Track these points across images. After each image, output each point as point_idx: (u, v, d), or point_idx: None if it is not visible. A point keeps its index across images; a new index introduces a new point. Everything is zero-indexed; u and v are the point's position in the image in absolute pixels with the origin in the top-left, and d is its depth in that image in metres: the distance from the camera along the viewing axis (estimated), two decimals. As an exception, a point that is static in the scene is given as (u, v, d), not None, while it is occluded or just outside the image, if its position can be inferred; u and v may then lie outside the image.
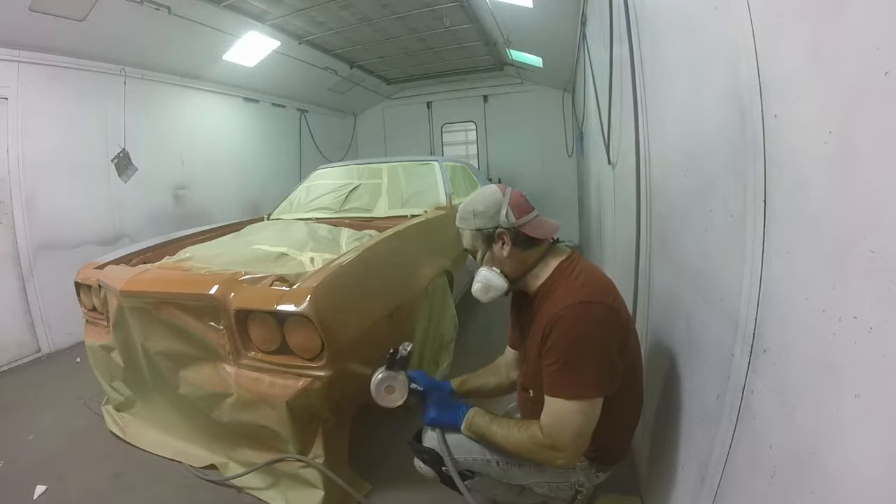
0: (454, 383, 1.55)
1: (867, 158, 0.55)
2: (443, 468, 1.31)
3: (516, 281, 1.30)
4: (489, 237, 1.27)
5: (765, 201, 0.79)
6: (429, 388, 1.43)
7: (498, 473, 1.31)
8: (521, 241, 1.25)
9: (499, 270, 1.27)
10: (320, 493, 1.67)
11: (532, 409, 1.24)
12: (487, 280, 1.27)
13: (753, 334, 0.82)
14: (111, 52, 3.84)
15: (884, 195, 0.52)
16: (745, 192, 0.85)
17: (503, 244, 1.26)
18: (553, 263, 1.27)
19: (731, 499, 0.91)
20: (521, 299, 1.39)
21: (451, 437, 1.32)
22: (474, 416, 1.26)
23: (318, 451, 1.68)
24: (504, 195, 1.28)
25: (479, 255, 1.31)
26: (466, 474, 1.32)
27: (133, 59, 4.05)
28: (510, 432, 1.19)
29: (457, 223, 1.34)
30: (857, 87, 0.56)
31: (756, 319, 0.82)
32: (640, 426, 1.64)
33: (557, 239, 1.34)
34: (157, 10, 3.57)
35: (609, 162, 2.78)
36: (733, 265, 0.90)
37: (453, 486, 1.33)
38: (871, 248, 0.53)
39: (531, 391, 1.29)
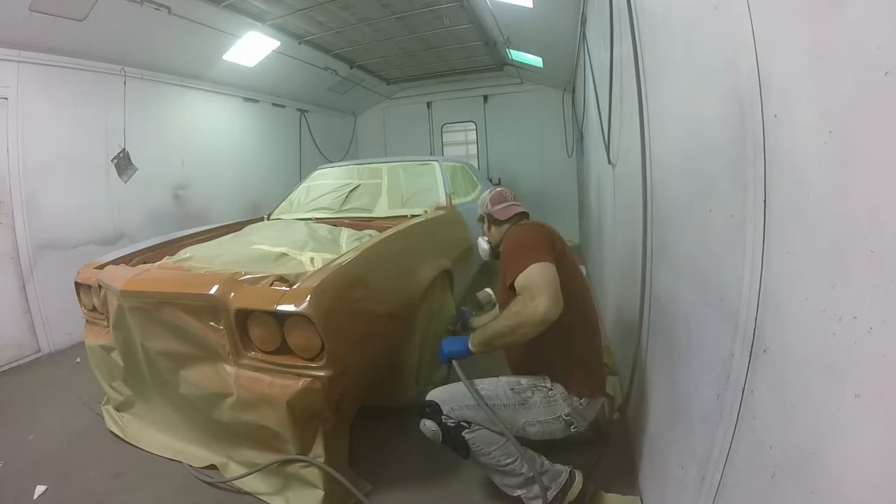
0: (474, 321, 2.09)
1: (867, 158, 0.55)
2: (442, 417, 1.51)
3: (497, 246, 1.85)
4: (481, 220, 1.97)
5: (765, 201, 0.79)
6: (468, 315, 2.10)
7: (489, 419, 1.49)
8: (493, 220, 1.89)
9: (486, 239, 1.94)
10: (320, 493, 1.67)
11: None
12: (480, 244, 1.97)
13: (753, 334, 0.82)
14: (111, 52, 3.84)
15: (884, 195, 0.52)
16: (745, 192, 0.85)
17: (486, 223, 1.94)
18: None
19: (731, 499, 0.91)
20: None
21: (448, 389, 1.59)
22: (474, 335, 1.52)
23: (318, 451, 1.68)
24: (488, 195, 1.93)
25: (482, 231, 1.99)
26: (464, 425, 1.50)
27: (133, 59, 4.05)
28: (501, 316, 1.44)
29: None
30: (857, 87, 0.56)
31: (756, 319, 0.82)
32: (641, 426, 1.64)
33: (525, 216, 1.88)
34: (157, 10, 3.57)
35: (609, 162, 2.78)
36: (733, 265, 0.90)
37: (456, 444, 1.51)
38: (871, 248, 0.53)
39: None
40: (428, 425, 1.53)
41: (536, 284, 1.36)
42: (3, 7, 2.93)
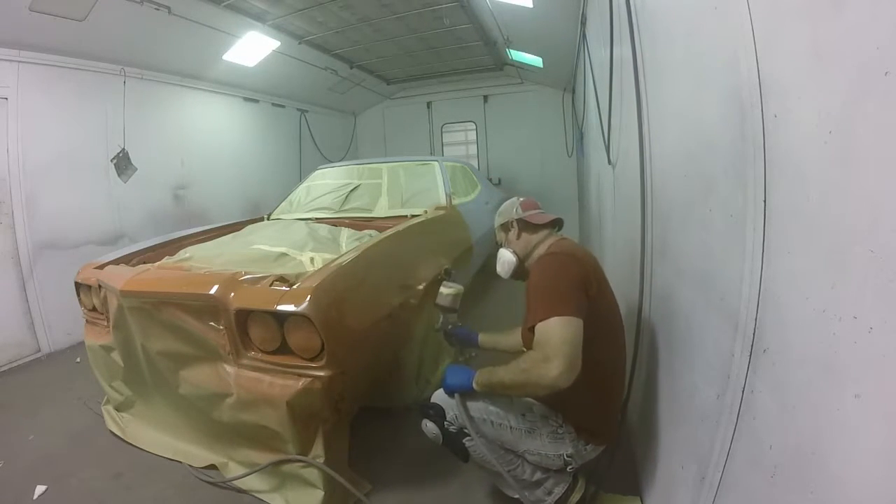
0: (481, 337, 1.94)
1: (867, 158, 0.55)
2: (445, 423, 1.47)
3: (525, 259, 1.65)
4: (506, 227, 1.70)
5: (765, 201, 0.79)
6: (462, 334, 1.93)
7: (492, 433, 1.45)
8: (525, 227, 1.65)
9: (511, 250, 1.67)
10: (320, 493, 1.67)
11: None
12: (502, 255, 1.69)
13: (753, 334, 0.82)
14: (111, 52, 3.84)
15: (884, 195, 0.52)
16: (745, 192, 0.85)
17: (513, 230, 1.67)
18: (548, 243, 1.60)
19: (731, 498, 0.91)
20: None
21: (448, 401, 1.49)
22: (480, 374, 1.42)
23: (318, 451, 1.68)
24: (517, 200, 1.71)
25: (502, 243, 1.73)
26: (465, 432, 1.45)
27: (133, 59, 4.05)
28: (510, 366, 1.31)
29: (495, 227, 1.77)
30: (857, 87, 0.56)
31: (756, 319, 0.82)
32: (641, 426, 1.63)
33: (559, 229, 1.69)
34: (157, 10, 3.57)
35: (609, 162, 2.78)
36: (733, 265, 0.90)
37: (456, 449, 1.48)
38: (871, 248, 0.53)
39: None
40: (430, 427, 1.51)
41: (553, 344, 1.21)
42: (3, 7, 2.93)
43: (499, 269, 1.69)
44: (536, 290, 1.35)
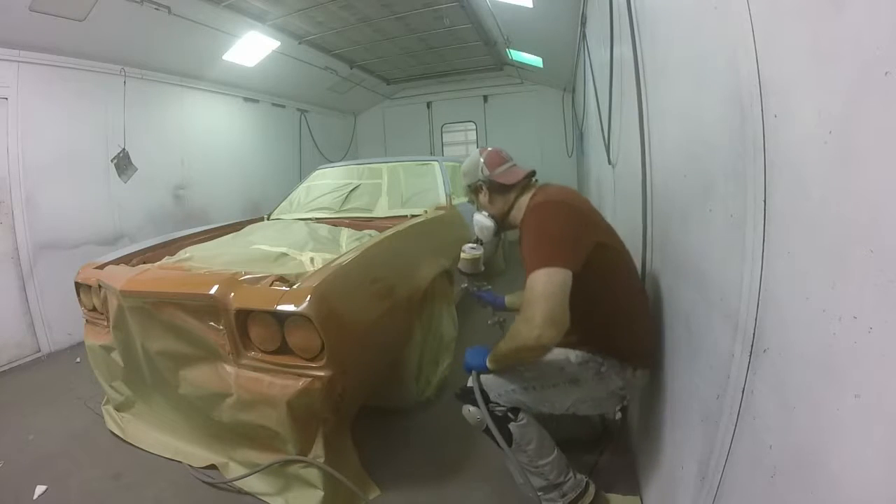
0: (507, 298, 1.94)
1: (867, 158, 0.55)
2: (489, 405, 1.41)
3: (503, 219, 1.58)
4: (474, 189, 1.61)
5: (765, 201, 0.79)
6: (488, 297, 1.88)
7: (537, 399, 1.40)
8: (495, 188, 1.55)
9: (486, 213, 1.60)
10: (320, 494, 1.67)
11: None
12: (478, 221, 1.61)
13: (753, 334, 0.82)
14: (111, 52, 3.84)
15: (884, 195, 0.52)
16: (745, 192, 0.85)
17: (483, 193, 1.59)
18: (528, 196, 1.51)
19: (730, 499, 0.91)
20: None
21: (490, 380, 1.44)
22: (492, 352, 1.41)
23: (318, 451, 1.68)
24: (480, 156, 1.59)
25: (476, 205, 1.66)
26: (510, 416, 1.41)
27: (133, 59, 4.05)
28: (507, 337, 1.31)
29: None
30: (857, 87, 0.56)
31: (756, 319, 0.82)
32: (641, 426, 1.63)
33: (535, 179, 1.59)
34: (157, 10, 3.57)
35: (609, 162, 2.78)
36: (733, 265, 0.90)
37: (501, 431, 1.40)
38: (871, 248, 0.53)
39: None
40: (472, 412, 1.44)
41: (534, 300, 1.19)
42: (3, 7, 2.93)
43: (477, 233, 1.63)
44: (527, 244, 1.30)
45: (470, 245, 1.80)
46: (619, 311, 1.40)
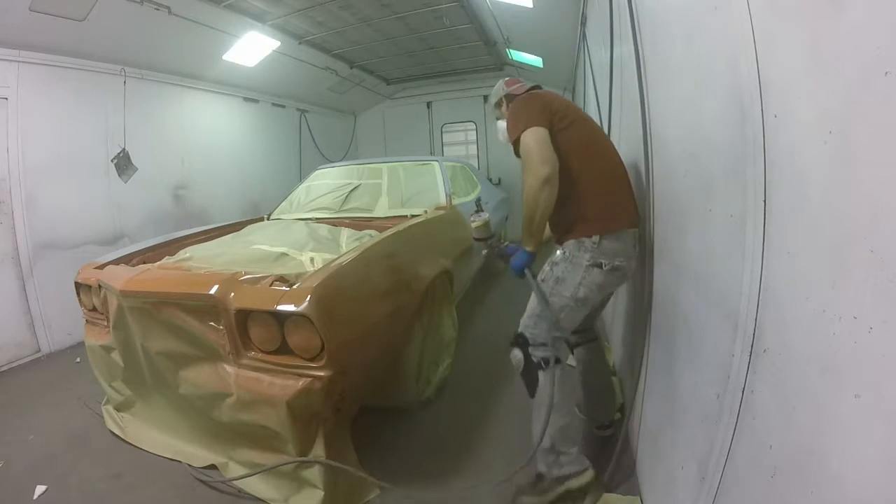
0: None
1: (867, 158, 0.55)
2: (528, 349, 1.61)
3: None
4: (498, 104, 2.01)
5: (765, 201, 0.79)
6: (511, 250, 1.85)
7: (552, 312, 1.60)
8: (510, 99, 1.89)
9: (504, 119, 1.86)
10: (320, 493, 1.67)
11: None
12: (499, 126, 1.95)
13: (753, 334, 0.82)
14: (111, 52, 3.84)
15: (884, 195, 0.52)
16: (745, 192, 0.85)
17: (503, 104, 1.97)
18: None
19: (730, 499, 0.91)
20: None
21: (527, 313, 1.67)
22: (522, 240, 1.68)
23: (318, 452, 1.68)
24: (502, 81, 2.01)
25: (498, 117, 2.02)
26: (542, 366, 1.59)
27: (133, 59, 4.05)
28: (523, 202, 1.60)
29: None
30: (857, 87, 0.56)
31: (756, 319, 0.82)
32: (641, 426, 1.63)
33: (539, 88, 1.91)
34: (157, 10, 3.57)
35: (609, 162, 2.77)
36: (733, 265, 0.90)
37: (529, 380, 1.61)
38: (871, 248, 0.53)
39: None
40: (515, 354, 1.64)
41: (528, 150, 1.55)
42: (3, 7, 2.93)
43: (500, 137, 1.92)
44: (509, 120, 1.70)
45: (475, 213, 2.07)
46: (582, 192, 1.61)
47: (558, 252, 1.68)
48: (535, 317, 1.63)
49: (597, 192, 1.62)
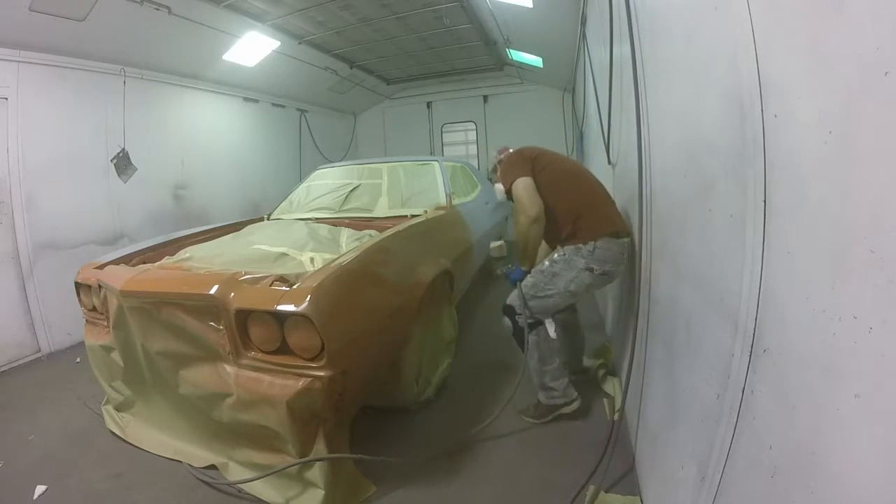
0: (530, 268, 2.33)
1: (867, 158, 0.55)
2: (516, 315, 2.11)
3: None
4: (494, 170, 2.42)
5: (765, 201, 0.79)
6: (518, 275, 2.20)
7: (543, 300, 2.06)
8: (501, 162, 2.28)
9: (500, 182, 2.23)
10: (321, 493, 1.67)
11: None
12: (496, 189, 2.33)
13: (753, 334, 0.82)
14: (111, 52, 3.84)
15: (884, 195, 0.52)
16: (745, 192, 0.85)
17: (498, 169, 2.31)
18: None
19: (731, 499, 0.91)
20: None
21: (516, 294, 2.12)
22: (519, 260, 2.17)
23: (318, 451, 1.68)
24: (495, 151, 2.49)
25: (494, 181, 2.44)
26: (535, 319, 2.10)
27: (133, 59, 4.05)
28: (515, 237, 2.11)
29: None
30: (857, 87, 0.56)
31: (756, 319, 0.82)
32: (641, 426, 1.63)
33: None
34: (157, 10, 3.57)
35: (609, 162, 2.78)
36: (733, 265, 0.90)
37: (519, 340, 2.15)
38: (871, 248, 0.53)
39: None
40: (506, 322, 2.18)
41: (518, 196, 2.00)
42: (3, 7, 2.93)
43: (498, 196, 2.34)
44: (502, 176, 2.16)
45: (497, 240, 2.87)
46: (566, 212, 2.02)
47: (556, 254, 2.06)
48: (520, 299, 2.09)
49: (581, 210, 2.02)
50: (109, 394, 2.29)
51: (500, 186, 2.25)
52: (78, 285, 2.30)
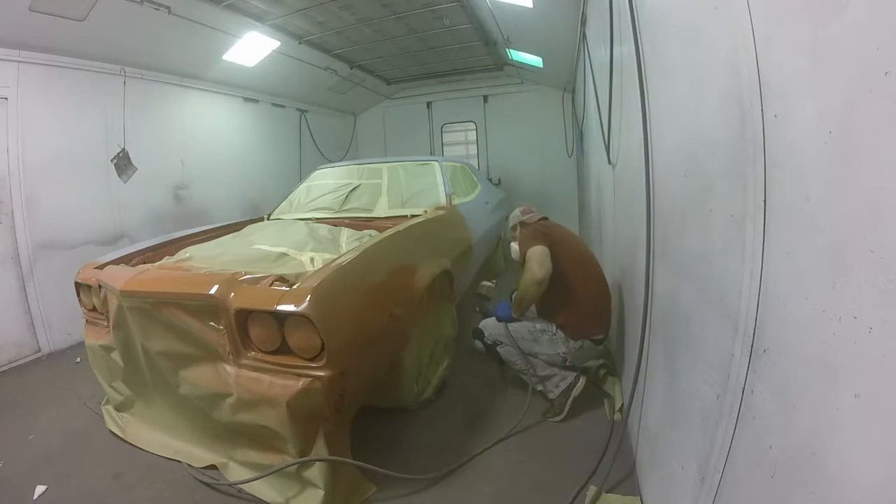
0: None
1: (867, 158, 0.55)
2: (485, 339, 2.39)
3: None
4: (514, 228, 2.51)
5: (765, 201, 0.79)
6: (497, 311, 2.43)
7: (512, 341, 2.28)
8: (523, 225, 2.44)
9: (516, 242, 2.41)
10: (321, 493, 1.67)
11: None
12: (512, 247, 2.49)
13: (753, 334, 0.82)
14: (111, 52, 3.84)
15: (884, 195, 0.52)
16: (745, 192, 0.85)
17: (518, 228, 2.47)
18: None
19: (731, 499, 0.91)
20: None
21: (490, 322, 2.40)
22: (512, 304, 2.32)
23: (318, 451, 1.68)
24: (519, 209, 2.57)
25: (510, 238, 2.57)
26: (498, 342, 2.33)
27: (133, 59, 4.05)
28: (518, 290, 2.26)
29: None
30: (857, 87, 0.56)
31: (756, 319, 0.82)
32: (641, 426, 1.64)
33: (546, 219, 2.52)
34: (157, 10, 3.57)
35: (609, 162, 2.78)
36: (733, 265, 0.90)
37: (492, 356, 2.40)
38: (871, 248, 0.53)
39: None
40: (477, 343, 2.44)
41: (530, 256, 2.15)
42: (3, 7, 2.93)
43: (512, 255, 2.49)
44: (521, 242, 2.30)
45: (487, 281, 2.98)
46: (567, 299, 2.20)
47: (540, 325, 2.27)
48: (499, 335, 2.33)
49: (587, 307, 2.21)
50: (109, 394, 2.29)
51: (515, 246, 2.42)
52: (78, 285, 2.30)
